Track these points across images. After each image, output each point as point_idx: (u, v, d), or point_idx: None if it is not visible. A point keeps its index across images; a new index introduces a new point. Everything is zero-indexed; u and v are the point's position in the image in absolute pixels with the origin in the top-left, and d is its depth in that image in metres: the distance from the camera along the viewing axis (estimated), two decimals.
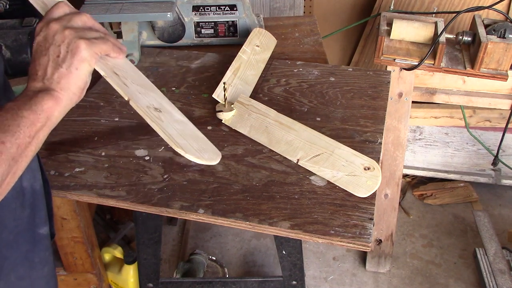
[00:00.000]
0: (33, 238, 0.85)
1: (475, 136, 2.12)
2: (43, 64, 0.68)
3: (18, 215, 0.81)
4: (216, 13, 1.58)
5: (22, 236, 0.83)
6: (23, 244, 0.84)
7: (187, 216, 1.01)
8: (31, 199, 0.83)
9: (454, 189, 2.27)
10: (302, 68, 1.42)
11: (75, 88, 0.70)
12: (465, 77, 1.58)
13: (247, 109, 1.21)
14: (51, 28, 0.68)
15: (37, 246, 0.86)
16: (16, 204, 0.80)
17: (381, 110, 1.25)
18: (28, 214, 0.83)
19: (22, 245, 0.83)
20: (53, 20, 0.69)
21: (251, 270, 2.01)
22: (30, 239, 0.85)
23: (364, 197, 1.00)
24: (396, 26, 1.54)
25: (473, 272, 1.96)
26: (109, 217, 2.13)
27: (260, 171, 1.07)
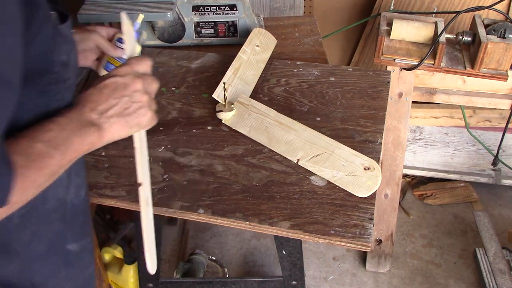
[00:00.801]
0: (63, 253, 0.85)
1: (475, 136, 2.12)
2: (109, 104, 0.72)
3: (54, 228, 0.81)
4: (216, 13, 1.58)
5: (53, 250, 0.82)
6: (53, 259, 0.83)
7: (187, 216, 1.01)
8: (69, 214, 0.83)
9: (454, 189, 2.27)
10: (302, 68, 1.42)
11: (116, 138, 0.75)
12: (465, 77, 1.58)
13: (247, 109, 1.21)
14: (135, 84, 0.74)
15: (64, 262, 0.85)
16: (56, 216, 0.80)
17: (381, 110, 1.25)
18: (62, 228, 0.83)
19: (52, 259, 0.82)
20: (138, 77, 0.75)
21: (251, 270, 2.01)
22: (60, 254, 0.84)
23: (364, 197, 1.00)
24: (396, 26, 1.54)
25: (473, 272, 1.96)
26: (109, 217, 2.13)
27: (260, 171, 1.07)
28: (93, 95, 0.72)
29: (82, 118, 0.71)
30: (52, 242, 0.81)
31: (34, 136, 0.65)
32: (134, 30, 0.84)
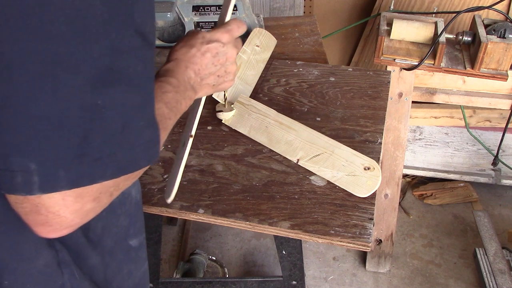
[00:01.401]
0: (126, 249, 0.85)
1: (475, 136, 2.12)
2: (210, 70, 0.80)
3: (120, 222, 0.81)
4: (216, 13, 1.58)
5: (119, 244, 0.82)
6: (119, 253, 0.83)
7: (187, 216, 1.01)
8: (132, 209, 0.83)
9: (454, 189, 2.27)
10: (302, 68, 1.42)
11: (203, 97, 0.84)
12: (465, 77, 1.58)
13: (247, 109, 1.21)
14: (233, 54, 0.83)
15: (126, 257, 0.85)
16: (121, 210, 0.80)
17: (381, 110, 1.25)
18: (127, 223, 0.83)
19: (118, 254, 0.83)
20: (235, 46, 0.84)
21: (251, 270, 2.01)
22: (124, 249, 0.84)
23: (364, 197, 1.00)
24: (396, 26, 1.54)
25: (473, 272, 1.96)
26: None
27: (260, 171, 1.07)
28: (196, 58, 0.77)
29: (189, 82, 0.76)
30: (118, 237, 0.82)
31: (157, 96, 0.67)
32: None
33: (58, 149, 0.52)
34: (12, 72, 0.50)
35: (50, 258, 0.67)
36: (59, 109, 0.52)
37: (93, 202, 0.56)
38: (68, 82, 0.51)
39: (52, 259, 0.67)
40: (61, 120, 0.52)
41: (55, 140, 0.52)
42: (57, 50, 0.50)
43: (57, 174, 0.53)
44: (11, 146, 0.52)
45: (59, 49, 0.50)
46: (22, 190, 0.52)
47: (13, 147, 0.52)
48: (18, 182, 0.52)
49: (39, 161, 0.52)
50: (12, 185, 0.52)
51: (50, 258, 0.67)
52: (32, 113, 0.51)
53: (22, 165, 0.52)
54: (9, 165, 0.52)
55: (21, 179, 0.52)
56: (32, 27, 0.49)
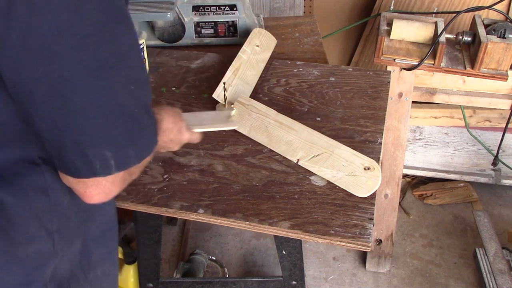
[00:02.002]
0: (115, 236, 0.92)
1: (475, 136, 2.12)
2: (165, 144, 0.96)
3: (107, 211, 0.89)
4: (216, 13, 1.58)
5: (107, 232, 0.89)
6: (108, 241, 0.90)
7: (187, 216, 1.01)
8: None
9: (454, 189, 2.27)
10: (302, 68, 1.42)
11: None
12: (465, 77, 1.58)
13: (247, 109, 1.21)
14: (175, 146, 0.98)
15: (116, 244, 0.93)
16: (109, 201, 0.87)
17: (381, 110, 1.25)
18: (114, 212, 0.91)
19: (107, 241, 0.90)
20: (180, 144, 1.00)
21: (251, 270, 2.01)
22: (113, 237, 0.92)
23: (364, 197, 1.00)
24: (396, 26, 1.54)
25: (473, 272, 1.96)
26: None
27: (260, 171, 1.07)
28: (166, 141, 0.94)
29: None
30: (107, 226, 0.89)
31: None
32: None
33: (124, 135, 0.68)
34: (71, 85, 0.63)
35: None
36: (118, 105, 0.67)
37: (130, 176, 0.74)
38: (119, 85, 0.67)
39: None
40: (121, 114, 0.67)
41: (120, 130, 0.68)
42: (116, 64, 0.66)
43: (128, 153, 0.69)
44: (85, 141, 0.65)
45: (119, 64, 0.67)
46: (103, 173, 0.68)
47: (87, 142, 0.66)
48: (98, 168, 0.67)
49: (112, 148, 0.67)
50: (92, 170, 0.67)
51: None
52: (93, 113, 0.65)
53: (99, 154, 0.66)
54: (86, 157, 0.66)
55: (100, 165, 0.67)
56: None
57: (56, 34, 0.60)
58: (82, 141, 0.65)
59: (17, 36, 0.59)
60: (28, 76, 0.61)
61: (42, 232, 0.75)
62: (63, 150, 0.67)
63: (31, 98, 0.63)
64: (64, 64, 0.61)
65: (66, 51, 0.61)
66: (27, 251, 0.74)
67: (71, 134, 0.65)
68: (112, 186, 0.70)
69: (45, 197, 0.74)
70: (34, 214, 0.73)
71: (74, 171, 0.68)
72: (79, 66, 0.62)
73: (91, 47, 0.63)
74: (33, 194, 0.73)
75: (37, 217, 0.74)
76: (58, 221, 0.77)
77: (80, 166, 0.67)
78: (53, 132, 0.65)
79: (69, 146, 0.66)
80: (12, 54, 0.60)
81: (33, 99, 0.63)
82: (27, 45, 0.60)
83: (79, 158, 0.66)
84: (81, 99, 0.63)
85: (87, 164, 0.67)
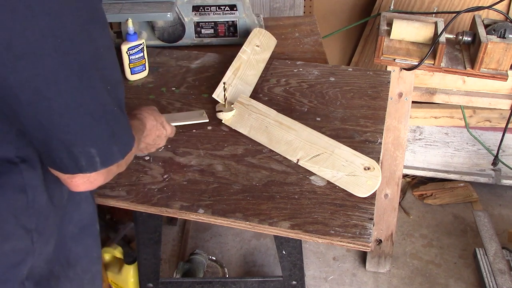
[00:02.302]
0: (94, 233, 0.94)
1: (475, 136, 2.12)
2: (151, 143, 1.03)
3: (83, 210, 0.91)
4: (216, 13, 1.58)
5: (85, 230, 0.91)
6: (86, 239, 0.92)
7: (187, 216, 1.01)
8: (90, 195, 0.93)
9: (454, 189, 2.27)
10: (302, 68, 1.42)
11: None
12: (465, 77, 1.58)
13: (247, 109, 1.21)
14: (162, 142, 1.06)
15: (95, 241, 0.95)
16: (80, 198, 0.90)
17: (381, 110, 1.25)
18: (92, 210, 0.93)
19: (85, 239, 0.92)
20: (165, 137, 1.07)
21: (251, 270, 2.01)
22: (91, 234, 0.93)
23: (364, 197, 1.00)
24: (396, 26, 1.54)
25: (473, 272, 1.96)
26: (109, 217, 2.13)
27: (260, 171, 1.07)
28: (150, 138, 1.00)
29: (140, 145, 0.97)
30: (84, 224, 0.91)
31: None
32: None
33: (106, 132, 0.71)
34: (55, 87, 0.65)
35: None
36: (100, 104, 0.70)
37: (116, 167, 0.77)
38: (100, 85, 0.69)
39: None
40: (102, 111, 0.70)
41: (103, 128, 0.71)
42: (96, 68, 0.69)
43: (112, 150, 0.73)
44: (71, 140, 0.68)
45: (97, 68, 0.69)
46: (88, 170, 0.71)
47: (72, 140, 0.69)
48: (83, 164, 0.71)
49: (96, 146, 0.70)
50: (78, 167, 0.71)
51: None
52: (77, 113, 0.67)
53: (84, 152, 0.70)
54: (72, 154, 0.69)
55: (85, 162, 0.71)
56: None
57: (39, 39, 0.62)
58: (67, 140, 0.68)
59: (1, 43, 0.61)
60: (13, 80, 0.63)
61: (19, 230, 0.76)
62: (50, 148, 0.69)
63: (17, 100, 0.64)
64: (47, 67, 0.63)
65: (50, 54, 0.63)
66: (3, 249, 0.74)
67: (57, 134, 0.68)
68: (97, 176, 0.74)
69: (23, 195, 0.75)
70: (11, 211, 0.74)
71: (62, 167, 0.71)
72: (62, 68, 0.64)
73: (72, 49, 0.65)
74: (11, 193, 0.74)
75: (14, 215, 0.74)
76: (36, 219, 0.78)
77: (67, 163, 0.70)
78: (40, 131, 0.68)
79: (55, 145, 0.69)
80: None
81: (19, 102, 0.65)
82: (11, 50, 0.61)
83: (65, 155, 0.70)
84: (65, 100, 0.66)
85: (74, 161, 0.70)
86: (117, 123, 0.74)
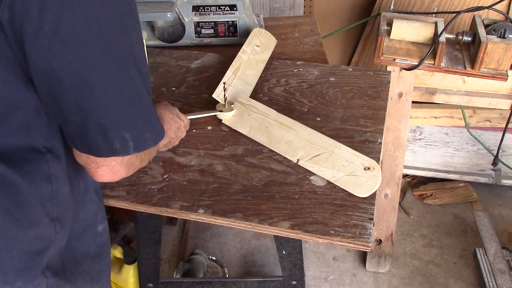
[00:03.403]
0: (95, 233, 0.96)
1: (475, 136, 2.12)
2: (170, 137, 1.05)
3: (87, 209, 0.93)
4: (216, 13, 1.58)
5: (87, 230, 0.94)
6: (88, 238, 0.94)
7: (187, 216, 1.01)
8: (96, 197, 0.95)
9: (454, 189, 2.27)
10: (302, 68, 1.42)
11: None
12: (465, 77, 1.58)
13: (247, 109, 1.21)
14: (182, 133, 1.11)
15: (96, 241, 0.97)
16: (86, 198, 0.92)
17: (381, 110, 1.25)
18: (94, 210, 0.95)
19: (87, 238, 0.94)
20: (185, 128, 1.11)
21: (251, 270, 2.01)
22: (93, 234, 0.96)
23: (364, 197, 1.00)
24: (396, 26, 1.54)
25: (473, 272, 1.96)
26: (109, 217, 2.13)
27: (260, 171, 1.07)
28: (171, 132, 1.04)
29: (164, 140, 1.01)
30: (88, 223, 0.93)
31: None
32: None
33: (141, 118, 0.75)
34: (96, 72, 0.69)
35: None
36: (136, 92, 0.74)
37: (138, 161, 0.81)
38: (135, 74, 0.73)
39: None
40: (137, 98, 0.74)
41: (138, 114, 0.75)
42: (131, 60, 0.73)
43: (145, 136, 0.77)
44: (107, 124, 0.72)
45: (132, 59, 0.73)
46: (121, 153, 0.75)
47: (108, 124, 0.72)
48: (118, 147, 0.74)
49: (131, 130, 0.74)
50: (112, 150, 0.74)
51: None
52: (115, 98, 0.71)
53: (119, 136, 0.73)
54: (107, 137, 0.73)
55: (119, 146, 0.74)
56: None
57: (85, 26, 0.66)
58: (104, 123, 0.72)
59: (50, 28, 0.65)
60: (58, 64, 0.67)
61: (45, 217, 0.78)
62: (86, 131, 0.72)
63: (60, 84, 0.68)
64: (90, 53, 0.68)
65: (93, 41, 0.67)
66: (28, 235, 0.76)
67: (95, 117, 0.71)
68: (120, 167, 0.77)
69: (48, 184, 0.78)
70: (38, 198, 0.77)
71: (96, 150, 0.74)
72: (103, 55, 0.69)
73: (113, 38, 0.69)
74: (38, 180, 0.77)
75: (41, 202, 0.77)
76: (58, 209, 0.80)
77: (102, 146, 0.73)
78: (78, 114, 0.71)
79: (92, 128, 0.72)
80: (44, 44, 0.66)
81: (61, 86, 0.69)
82: (58, 35, 0.65)
83: (101, 139, 0.73)
84: (104, 85, 0.70)
85: (108, 144, 0.73)
86: (150, 112, 0.78)
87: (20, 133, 0.75)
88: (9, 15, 0.64)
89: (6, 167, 0.73)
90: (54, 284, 0.82)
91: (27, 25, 0.65)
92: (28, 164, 0.75)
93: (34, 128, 0.75)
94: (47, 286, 0.81)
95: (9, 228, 0.74)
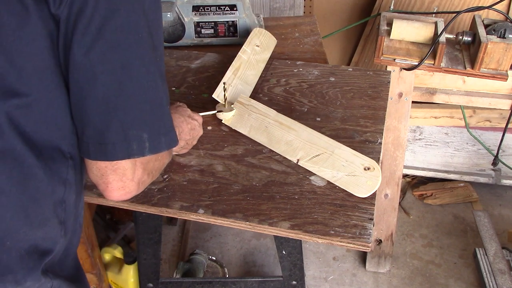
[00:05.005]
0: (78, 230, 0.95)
1: (475, 136, 2.12)
2: (188, 141, 1.10)
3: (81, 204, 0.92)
4: (216, 13, 1.58)
5: (79, 228, 0.93)
6: (78, 235, 0.94)
7: (187, 216, 1.01)
8: (79, 231, 0.93)
9: (454, 189, 2.27)
10: (302, 68, 1.42)
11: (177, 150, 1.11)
12: (465, 77, 1.58)
13: (247, 109, 1.21)
14: (198, 132, 1.12)
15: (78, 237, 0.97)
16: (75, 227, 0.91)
17: (381, 110, 1.25)
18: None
19: (78, 235, 0.94)
20: (200, 127, 1.13)
21: (251, 270, 2.01)
22: (77, 231, 0.95)
23: (364, 197, 1.00)
24: (396, 26, 1.54)
25: (473, 272, 1.96)
26: (109, 217, 2.13)
27: (260, 171, 1.07)
28: (185, 134, 1.06)
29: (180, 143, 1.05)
30: (80, 222, 0.92)
31: None
32: None
33: (159, 122, 0.79)
34: (128, 73, 0.75)
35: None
36: (158, 97, 0.79)
37: (148, 177, 0.83)
38: (159, 80, 0.79)
39: None
40: (159, 103, 0.79)
41: (158, 118, 0.79)
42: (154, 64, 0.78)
43: (160, 139, 0.80)
44: (129, 122, 0.75)
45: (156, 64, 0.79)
46: (137, 154, 0.77)
47: (130, 123, 0.75)
48: (134, 148, 0.76)
49: (149, 131, 0.77)
50: (129, 151, 0.76)
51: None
52: (140, 99, 0.76)
53: (138, 135, 0.76)
54: (128, 137, 0.76)
55: (136, 146, 0.76)
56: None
57: (126, 31, 0.74)
58: (126, 122, 0.75)
59: (96, 27, 0.72)
60: (95, 60, 0.73)
61: (55, 218, 0.79)
62: (105, 132, 0.75)
63: (93, 80, 0.73)
64: (126, 55, 0.74)
65: (130, 45, 0.74)
66: (36, 235, 0.77)
67: (119, 115, 0.75)
68: (131, 184, 0.80)
69: (62, 187, 0.80)
70: (52, 199, 0.78)
71: (111, 152, 0.76)
72: (137, 59, 0.75)
73: (146, 46, 0.76)
74: (56, 181, 0.79)
75: (53, 203, 0.79)
76: (65, 215, 0.82)
77: (118, 147, 0.76)
78: (102, 113, 0.75)
79: (113, 127, 0.75)
80: (88, 40, 0.72)
81: (95, 81, 0.73)
82: (102, 34, 0.72)
83: (120, 138, 0.76)
84: (134, 86, 0.75)
85: (126, 144, 0.76)
86: (168, 118, 0.82)
87: (54, 132, 0.78)
88: (68, 11, 0.72)
89: (35, 159, 0.75)
90: (57, 285, 0.82)
91: (79, 21, 0.71)
92: (53, 163, 0.78)
93: (64, 132, 0.79)
94: (52, 286, 0.81)
95: (22, 226, 0.75)
